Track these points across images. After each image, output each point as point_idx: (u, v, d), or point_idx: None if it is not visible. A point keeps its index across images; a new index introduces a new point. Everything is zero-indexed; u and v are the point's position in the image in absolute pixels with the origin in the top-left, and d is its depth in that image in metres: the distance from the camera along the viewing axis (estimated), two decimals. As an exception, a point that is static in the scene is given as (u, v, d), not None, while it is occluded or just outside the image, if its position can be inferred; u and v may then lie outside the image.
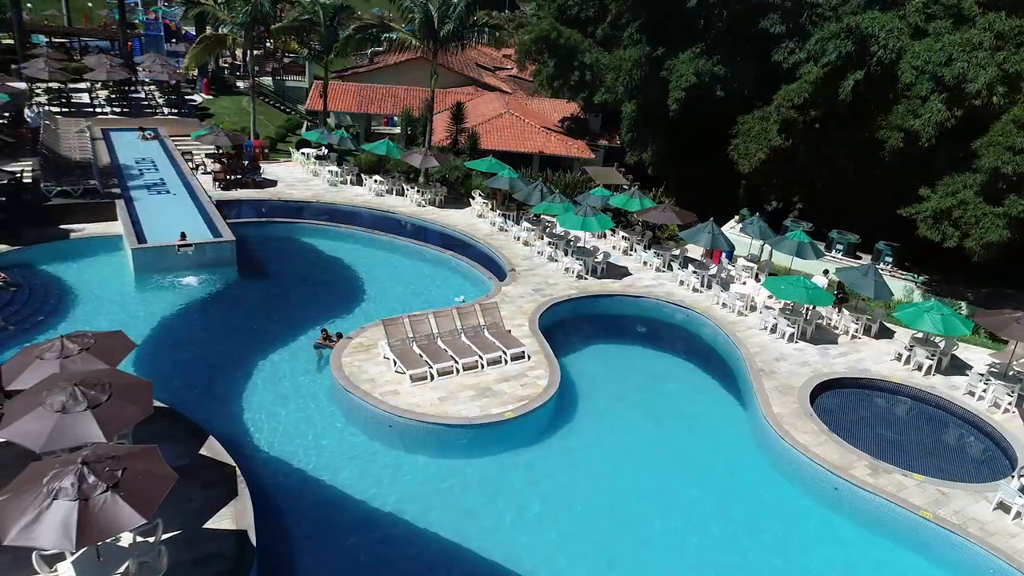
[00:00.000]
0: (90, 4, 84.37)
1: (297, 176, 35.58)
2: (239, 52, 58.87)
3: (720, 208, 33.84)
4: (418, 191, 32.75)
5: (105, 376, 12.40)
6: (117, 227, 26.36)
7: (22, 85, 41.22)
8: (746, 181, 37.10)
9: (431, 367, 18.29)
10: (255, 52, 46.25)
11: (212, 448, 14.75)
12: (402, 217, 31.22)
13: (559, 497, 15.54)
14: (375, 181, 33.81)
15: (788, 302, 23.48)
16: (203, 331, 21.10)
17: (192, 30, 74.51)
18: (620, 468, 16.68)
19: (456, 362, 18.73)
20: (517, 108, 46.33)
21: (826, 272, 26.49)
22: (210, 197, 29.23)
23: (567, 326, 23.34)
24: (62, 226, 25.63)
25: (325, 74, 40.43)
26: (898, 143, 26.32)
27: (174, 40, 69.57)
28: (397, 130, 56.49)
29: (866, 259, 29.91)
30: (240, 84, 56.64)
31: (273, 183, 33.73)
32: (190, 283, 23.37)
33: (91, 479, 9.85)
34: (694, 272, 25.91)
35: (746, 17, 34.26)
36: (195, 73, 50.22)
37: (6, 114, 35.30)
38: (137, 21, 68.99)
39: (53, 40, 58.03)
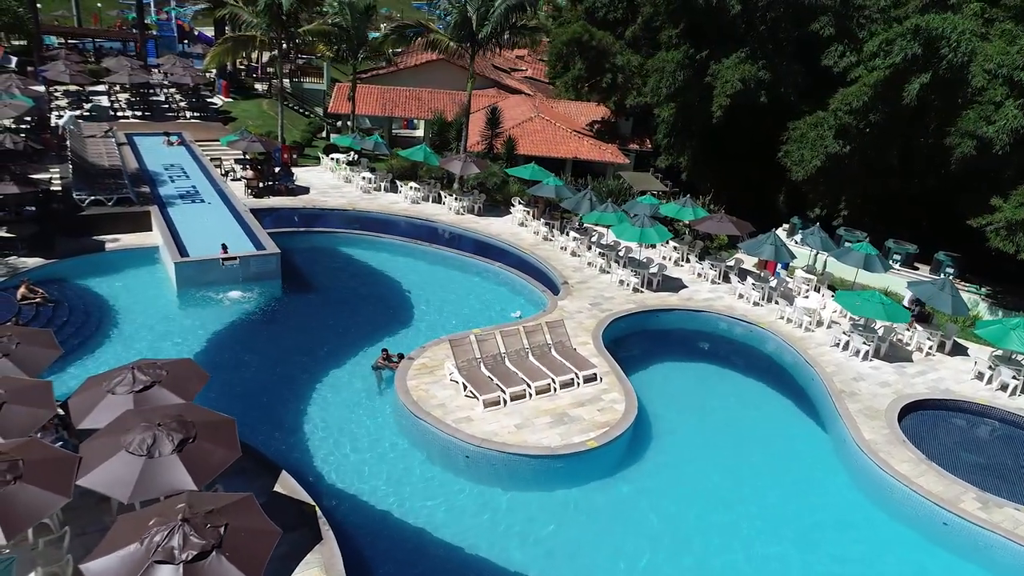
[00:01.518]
0: (99, 4, 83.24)
1: (328, 182, 34.53)
2: (254, 54, 57.82)
3: (759, 215, 32.76)
4: (456, 199, 31.71)
5: (186, 413, 11.37)
6: (153, 238, 25.34)
7: (39, 88, 40.06)
8: (788, 187, 36.15)
9: (504, 391, 17.27)
10: (272, 54, 45.29)
11: (287, 484, 13.73)
12: (443, 226, 30.18)
13: (647, 531, 14.55)
14: (411, 188, 32.77)
15: (859, 318, 22.49)
16: (253, 351, 20.04)
17: (205, 31, 73.58)
18: (704, 501, 15.67)
19: (529, 385, 17.71)
20: (545, 111, 45.29)
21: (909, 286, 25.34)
22: (244, 205, 28.22)
23: (628, 342, 22.32)
24: (96, 237, 24.61)
25: (353, 77, 39.39)
26: (970, 150, 25.30)
27: (186, 41, 68.42)
28: (417, 133, 55.60)
29: (924, 270, 28.91)
30: (258, 86, 55.55)
31: (305, 190, 32.69)
32: (235, 298, 22.32)
33: (194, 539, 8.84)
34: (754, 285, 24.90)
35: (793, 20, 33.21)
36: (212, 75, 49.18)
37: (27, 118, 34.22)
38: (149, 22, 67.75)
39: (68, 41, 56.86)
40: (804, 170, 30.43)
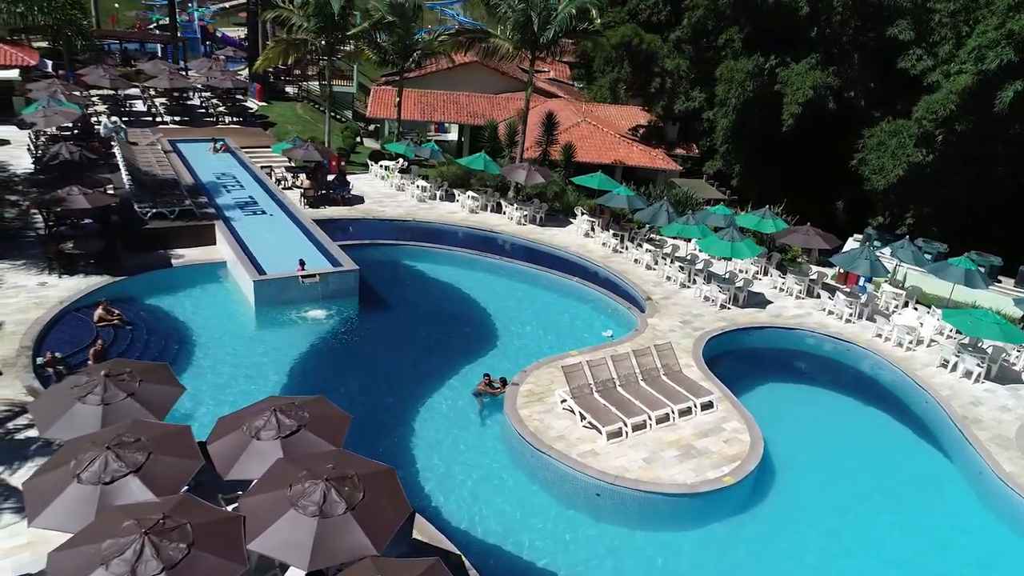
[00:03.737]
0: (116, 5, 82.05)
1: (380, 191, 33.52)
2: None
3: (818, 224, 31.65)
4: (517, 208, 30.71)
5: (346, 464, 10.37)
6: (217, 252, 24.33)
7: (78, 94, 38.97)
8: (850, 194, 35.24)
9: (625, 422, 16.29)
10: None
11: (427, 532, 12.74)
12: (507, 237, 29.19)
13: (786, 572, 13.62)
14: (469, 197, 31.76)
15: (967, 337, 21.55)
16: (344, 376, 19.01)
17: (228, 32, 72.48)
18: (842, 538, 14.72)
19: (649, 415, 16.72)
20: (589, 116, 44.29)
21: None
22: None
23: (724, 362, 21.32)
24: (160, 252, 23.59)
25: (400, 80, 38.40)
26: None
27: (209, 42, 67.25)
28: (450, 136, 54.62)
29: (1008, 283, 27.96)
30: (288, 89, 54.55)
31: (360, 199, 31.68)
32: (316, 317, 21.30)
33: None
34: (847, 301, 23.92)
35: (865, 23, 32.22)
36: (243, 77, 48.14)
37: (68, 124, 33.12)
38: (179, 24, 66.44)
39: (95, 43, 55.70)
40: (885, 179, 29.47)
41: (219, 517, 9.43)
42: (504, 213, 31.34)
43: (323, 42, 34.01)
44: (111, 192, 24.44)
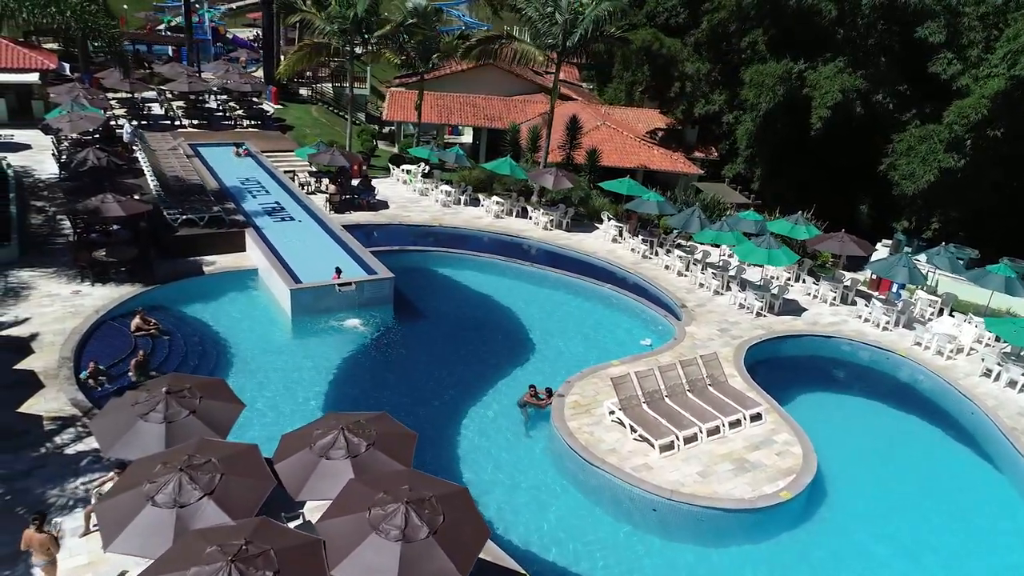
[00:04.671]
0: (125, 7, 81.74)
1: (403, 195, 33.30)
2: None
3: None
4: (544, 213, 30.49)
5: (421, 485, 10.15)
6: (247, 259, 24.12)
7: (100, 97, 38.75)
8: (874, 198, 35.02)
9: (677, 435, 16.06)
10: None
11: (493, 552, 12.51)
12: (536, 243, 28.96)
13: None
14: (494, 202, 31.54)
15: (1009, 346, 21.32)
16: (386, 386, 18.78)
17: (239, 33, 72.25)
18: (900, 553, 14.52)
19: (700, 427, 16.50)
20: (608, 119, 44.02)
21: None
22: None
23: (763, 371, 21.06)
24: (190, 259, 23.38)
25: (421, 83, 38.15)
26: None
27: (219, 44, 66.98)
28: (463, 139, 54.34)
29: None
30: (302, 92, 54.32)
31: (384, 204, 31.46)
32: (354, 326, 21.07)
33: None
34: (885, 309, 23.70)
35: (893, 25, 31.99)
36: (260, 79, 47.89)
37: (90, 128, 32.88)
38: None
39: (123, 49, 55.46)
40: (915, 185, 29.25)
41: (300, 542, 9.20)
42: (530, 218, 31.12)
43: (346, 45, 33.72)
44: (141, 199, 24.12)
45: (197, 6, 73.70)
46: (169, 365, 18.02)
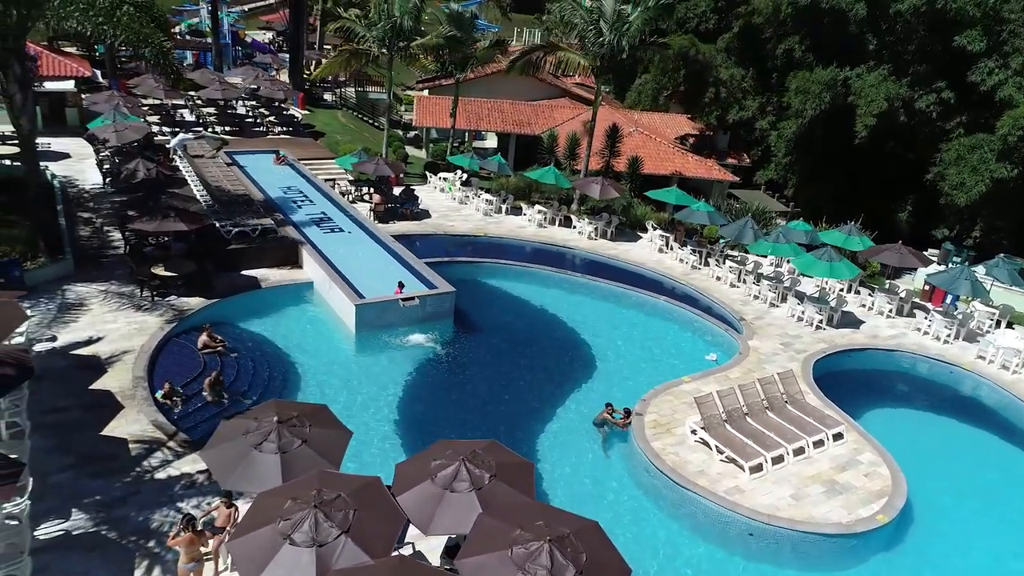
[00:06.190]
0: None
1: (444, 204, 33.08)
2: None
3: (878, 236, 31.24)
4: (589, 222, 30.27)
5: (554, 519, 9.93)
6: (301, 272, 23.87)
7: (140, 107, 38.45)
8: (915, 206, 34.82)
9: (765, 456, 15.85)
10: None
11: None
12: (583, 254, 28.76)
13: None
14: (537, 211, 31.33)
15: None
16: (458, 404, 18.55)
17: (257, 37, 71.89)
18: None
19: (786, 448, 16.29)
20: (640, 125, 43.80)
21: None
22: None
23: (828, 386, 20.77)
24: (244, 273, 23.16)
25: (456, 89, 37.97)
26: None
27: (239, 48, 66.60)
28: (487, 144, 54.09)
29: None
30: (327, 96, 54.09)
31: (427, 214, 31.24)
32: (418, 342, 20.84)
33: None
34: (946, 322, 23.48)
35: (932, 32, 31.79)
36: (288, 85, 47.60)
37: (137, 139, 32.55)
38: (207, 29, 65.90)
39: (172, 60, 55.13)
40: (967, 195, 29.03)
41: (446, 583, 8.99)
42: (574, 227, 30.89)
43: (385, 51, 33.52)
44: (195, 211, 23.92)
45: (224, 7, 73.48)
46: (238, 385, 17.82)
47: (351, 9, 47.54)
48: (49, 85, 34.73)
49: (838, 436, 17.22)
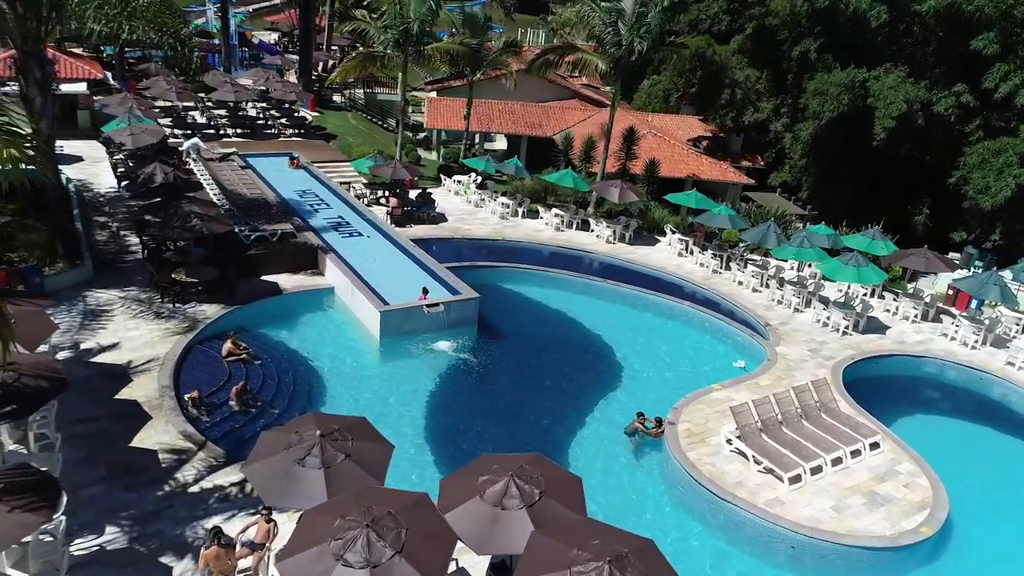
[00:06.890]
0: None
1: (459, 207, 32.80)
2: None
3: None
4: (607, 225, 30.02)
5: (609, 537, 9.67)
6: (321, 278, 23.61)
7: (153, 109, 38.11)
8: (932, 209, 34.57)
9: (804, 467, 15.59)
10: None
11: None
12: (603, 258, 28.50)
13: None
14: (554, 214, 31.07)
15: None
16: (486, 413, 18.28)
17: (263, 38, 71.60)
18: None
19: (825, 458, 16.03)
20: (653, 127, 43.53)
21: None
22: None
23: (858, 393, 20.51)
24: (264, 278, 22.89)
25: (469, 93, 37.71)
26: None
27: (245, 49, 66.26)
28: (497, 145, 53.82)
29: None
30: (336, 98, 53.80)
31: (443, 217, 30.97)
32: (443, 349, 20.58)
33: None
34: (973, 327, 23.23)
35: (950, 35, 31.55)
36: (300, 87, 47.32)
37: (153, 142, 32.24)
38: (215, 30, 65.58)
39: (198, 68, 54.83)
40: (992, 199, 28.78)
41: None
42: (592, 231, 30.64)
43: (400, 54, 33.26)
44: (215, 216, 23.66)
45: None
46: (265, 393, 17.56)
47: (359, 9, 47.29)
48: (66, 88, 34.44)
49: (875, 445, 16.96)
